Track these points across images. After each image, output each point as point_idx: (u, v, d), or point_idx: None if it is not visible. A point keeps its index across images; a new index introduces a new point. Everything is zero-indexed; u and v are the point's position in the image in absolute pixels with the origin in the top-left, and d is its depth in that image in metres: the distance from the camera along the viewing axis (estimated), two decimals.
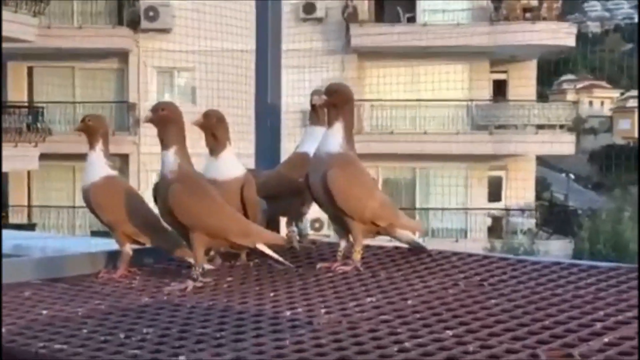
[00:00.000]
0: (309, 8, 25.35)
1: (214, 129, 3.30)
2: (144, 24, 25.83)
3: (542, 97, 32.11)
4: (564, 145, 24.74)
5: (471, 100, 25.17)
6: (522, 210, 25.20)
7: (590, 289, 2.74)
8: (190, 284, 2.93)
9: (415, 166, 25.71)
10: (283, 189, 3.51)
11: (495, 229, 25.02)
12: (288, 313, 2.56)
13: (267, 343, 2.23)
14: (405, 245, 3.41)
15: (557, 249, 22.99)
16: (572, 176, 37.39)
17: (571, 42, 24.74)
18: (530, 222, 25.01)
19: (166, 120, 3.01)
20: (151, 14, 25.83)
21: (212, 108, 3.43)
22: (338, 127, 3.17)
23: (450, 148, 24.25)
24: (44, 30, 24.83)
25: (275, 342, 2.23)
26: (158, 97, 25.31)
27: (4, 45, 22.73)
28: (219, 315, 2.55)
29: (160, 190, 3.01)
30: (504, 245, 23.37)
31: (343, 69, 25.70)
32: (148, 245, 3.28)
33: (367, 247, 3.42)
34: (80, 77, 26.58)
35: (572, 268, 3.02)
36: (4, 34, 22.08)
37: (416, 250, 3.39)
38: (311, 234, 3.75)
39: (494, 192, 25.84)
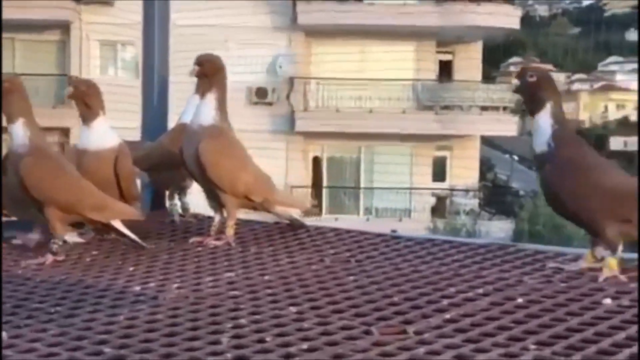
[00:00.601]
0: None
1: (85, 97, 3.19)
2: None
3: (489, 78, 32.21)
4: (508, 126, 24.83)
5: (417, 79, 25.14)
6: (466, 191, 25.30)
7: (452, 265, 2.69)
8: (49, 257, 2.83)
9: (360, 145, 25.66)
10: (164, 161, 3.41)
11: (439, 208, 25.09)
12: (138, 288, 2.48)
13: (100, 319, 2.15)
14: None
15: (498, 229, 23.11)
16: (515, 157, 37.66)
17: (516, 24, 24.78)
18: (473, 203, 25.12)
19: (7, 92, 2.88)
20: None
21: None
22: (210, 98, 3.08)
23: (395, 127, 24.22)
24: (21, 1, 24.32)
25: (108, 318, 2.15)
26: (102, 70, 24.99)
27: None
28: (64, 290, 2.47)
29: (10, 165, 2.89)
30: (446, 225, 23.46)
31: (290, 45, 25.53)
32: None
33: (246, 223, 3.35)
34: (20, 49, 26.10)
35: (445, 245, 2.97)
36: None
37: (295, 226, 3.32)
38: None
39: (439, 172, 25.89)
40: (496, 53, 30.48)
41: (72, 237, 3.08)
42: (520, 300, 2.25)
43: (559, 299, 2.25)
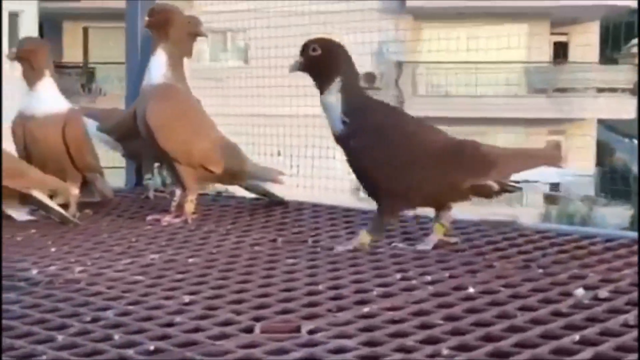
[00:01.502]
0: None
1: (30, 56, 2.82)
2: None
3: (610, 60, 30.85)
4: (625, 108, 23.67)
5: (530, 62, 24.24)
6: (581, 176, 24.24)
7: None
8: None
9: (470, 130, 24.90)
10: (135, 129, 3.01)
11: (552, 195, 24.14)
12: (35, 272, 2.08)
13: None
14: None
15: (615, 215, 22.03)
16: (635, 141, 36.01)
17: (634, 2, 23.56)
18: (589, 188, 24.05)
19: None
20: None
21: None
22: (160, 53, 2.67)
23: (507, 111, 23.40)
24: None
25: None
26: (211, 57, 25.00)
27: (60, 4, 22.64)
28: None
29: None
30: (560, 212, 22.52)
31: (398, 29, 24.97)
32: None
33: (221, 199, 2.95)
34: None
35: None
36: None
37: (273, 202, 2.89)
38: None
39: None
40: (617, 33, 29.07)
41: (21, 215, 2.74)
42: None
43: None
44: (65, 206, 2.86)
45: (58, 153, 2.80)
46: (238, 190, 3.00)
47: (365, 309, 1.65)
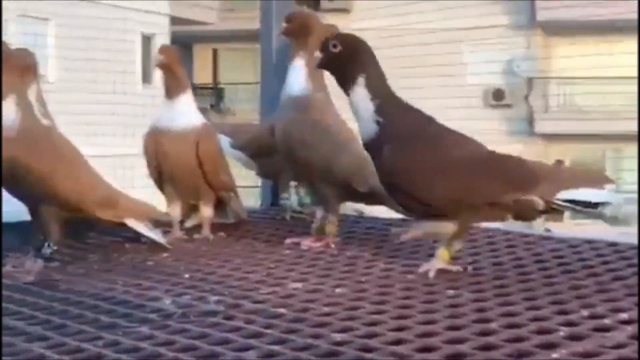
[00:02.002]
0: None
1: (175, 66, 2.66)
2: (324, 4, 25.37)
3: None
4: None
5: None
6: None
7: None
8: (38, 264, 2.30)
9: (606, 147, 24.08)
10: (271, 144, 2.79)
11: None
12: (167, 302, 1.89)
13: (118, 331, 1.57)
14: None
15: None
16: None
17: None
18: None
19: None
20: None
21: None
22: (300, 63, 2.46)
23: None
24: (226, 13, 24.92)
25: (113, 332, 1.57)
26: None
27: (190, 28, 23.02)
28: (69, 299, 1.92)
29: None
30: None
31: (528, 44, 24.40)
32: None
33: (363, 220, 2.71)
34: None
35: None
36: (188, 17, 22.34)
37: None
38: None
39: None
40: None
41: (157, 235, 2.56)
42: None
43: None
44: (198, 227, 2.69)
45: (191, 169, 2.62)
46: (382, 211, 2.75)
47: (554, 355, 1.38)
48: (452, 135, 2.03)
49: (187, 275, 2.15)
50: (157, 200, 2.76)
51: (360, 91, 2.02)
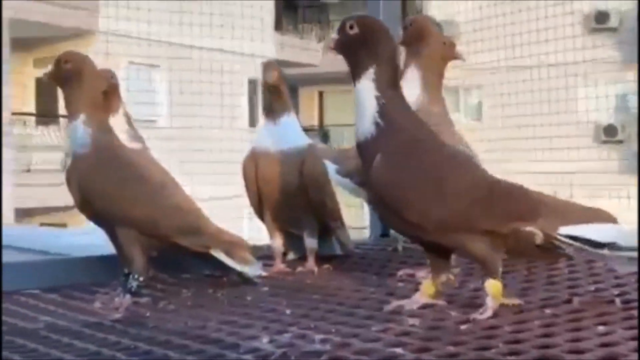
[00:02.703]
0: (601, 17, 23.51)
1: (283, 85, 2.44)
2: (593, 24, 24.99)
3: None
4: None
5: None
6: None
7: None
8: (126, 300, 2.07)
9: None
10: None
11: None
12: (265, 340, 1.63)
13: None
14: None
15: None
16: None
17: None
18: None
19: (70, 76, 2.13)
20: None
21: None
22: (413, 73, 2.20)
23: None
24: (331, 54, 24.90)
25: None
26: None
27: (296, 71, 23.11)
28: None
29: (71, 172, 2.14)
30: None
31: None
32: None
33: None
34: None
35: None
36: (294, 59, 22.46)
37: None
38: None
39: None
40: None
41: (254, 270, 2.33)
42: None
43: None
44: (303, 260, 2.44)
45: (293, 194, 2.38)
46: None
47: None
48: (455, 156, 1.84)
49: (288, 312, 1.89)
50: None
51: (367, 85, 1.79)
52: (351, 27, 1.81)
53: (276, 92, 2.44)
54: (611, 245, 1.68)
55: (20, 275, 2.37)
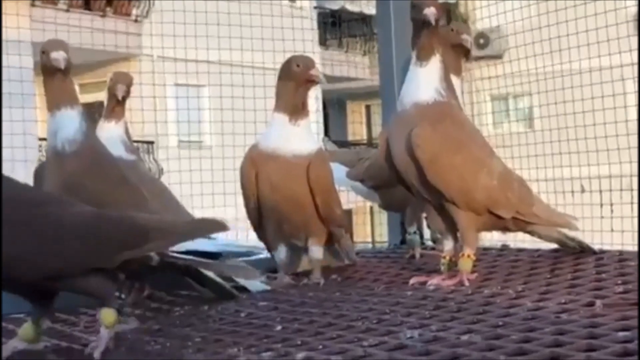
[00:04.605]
0: None
1: (308, 86, 2.25)
2: (474, 51, 24.84)
3: None
4: None
5: None
6: None
7: None
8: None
9: None
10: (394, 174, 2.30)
11: None
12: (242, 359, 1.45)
13: None
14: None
15: None
16: None
17: None
18: None
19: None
20: (481, 41, 24.76)
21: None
22: (435, 63, 1.99)
23: None
24: (376, 68, 24.75)
25: None
26: (495, 125, 24.32)
27: (343, 85, 23.02)
28: None
29: (53, 169, 1.97)
30: None
31: None
32: None
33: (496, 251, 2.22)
34: None
35: None
36: (340, 74, 22.34)
37: (572, 250, 2.12)
38: None
39: None
40: None
41: (256, 286, 2.16)
42: None
43: None
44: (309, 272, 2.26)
45: (302, 200, 2.19)
46: (527, 239, 2.25)
47: None
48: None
49: (279, 327, 1.70)
50: None
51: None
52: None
53: (301, 92, 2.24)
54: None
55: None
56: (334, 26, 23.35)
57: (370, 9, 22.81)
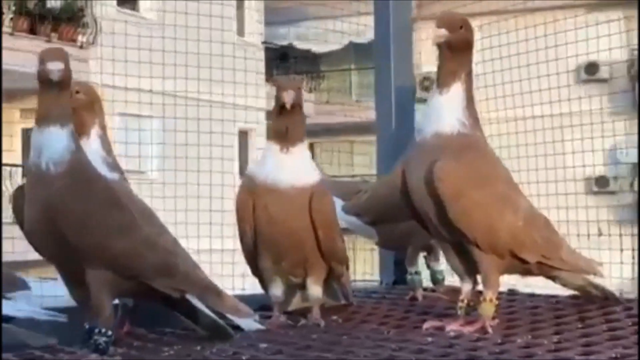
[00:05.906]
0: (592, 69, 23.41)
1: (301, 106, 2.07)
2: (420, 93, 24.98)
3: None
4: None
5: None
6: None
7: None
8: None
9: None
10: (394, 207, 2.13)
11: None
12: None
13: None
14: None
15: None
16: None
17: None
18: None
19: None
20: (426, 84, 25.00)
21: None
22: (457, 90, 1.84)
23: None
24: (321, 106, 24.63)
25: None
26: None
27: None
28: None
29: (35, 189, 1.79)
30: None
31: (630, 130, 23.45)
32: None
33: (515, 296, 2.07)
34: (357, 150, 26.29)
35: None
36: None
37: (596, 299, 1.98)
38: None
39: None
40: None
41: (249, 324, 1.97)
42: None
43: None
44: (306, 310, 2.07)
45: (302, 234, 2.02)
46: (539, 285, 2.11)
47: None
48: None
49: None
50: None
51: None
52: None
53: (296, 115, 2.07)
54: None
55: None
56: (281, 62, 23.20)
57: (319, 47, 22.84)
